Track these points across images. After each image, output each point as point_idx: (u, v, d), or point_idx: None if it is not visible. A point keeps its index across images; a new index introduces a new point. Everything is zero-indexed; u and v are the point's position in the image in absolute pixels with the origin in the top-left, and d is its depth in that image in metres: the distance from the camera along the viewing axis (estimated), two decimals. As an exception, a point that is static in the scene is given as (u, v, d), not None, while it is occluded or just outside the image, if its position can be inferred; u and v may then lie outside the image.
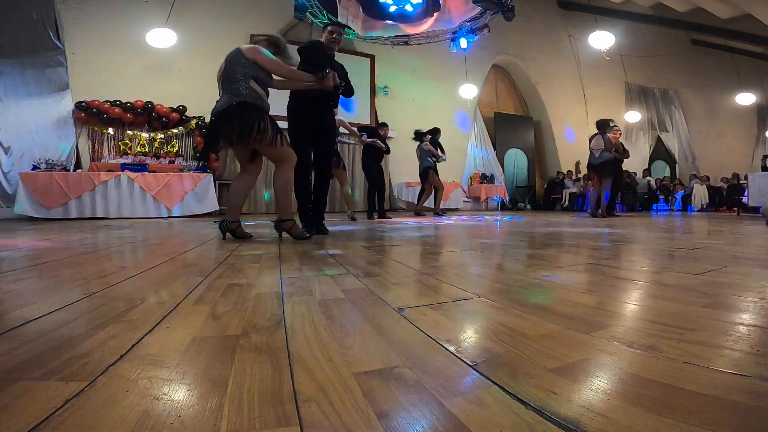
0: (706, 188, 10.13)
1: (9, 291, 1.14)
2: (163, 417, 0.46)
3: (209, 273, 1.39)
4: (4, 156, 6.07)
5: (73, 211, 5.42)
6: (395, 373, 0.58)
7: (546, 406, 0.48)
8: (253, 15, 8.06)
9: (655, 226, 4.13)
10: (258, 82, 2.42)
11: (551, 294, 1.09)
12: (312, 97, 2.87)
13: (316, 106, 2.92)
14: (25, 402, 0.49)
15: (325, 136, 3.03)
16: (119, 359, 0.63)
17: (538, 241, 2.61)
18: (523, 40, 11.04)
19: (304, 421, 0.45)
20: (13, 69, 6.24)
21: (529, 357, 0.63)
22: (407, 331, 0.77)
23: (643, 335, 0.73)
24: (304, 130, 2.92)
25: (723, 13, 9.31)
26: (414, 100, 9.68)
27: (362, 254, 1.91)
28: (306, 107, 2.90)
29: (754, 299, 0.98)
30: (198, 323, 0.82)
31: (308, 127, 2.92)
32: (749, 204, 6.65)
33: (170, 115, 7.08)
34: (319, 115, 2.95)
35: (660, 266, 1.56)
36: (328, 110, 3.04)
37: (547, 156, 11.92)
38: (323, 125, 2.99)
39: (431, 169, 6.14)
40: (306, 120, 2.91)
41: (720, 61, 12.63)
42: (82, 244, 2.41)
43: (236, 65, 2.39)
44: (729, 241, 2.49)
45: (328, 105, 3.00)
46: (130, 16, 7.10)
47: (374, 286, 1.17)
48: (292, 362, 0.62)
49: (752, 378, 0.54)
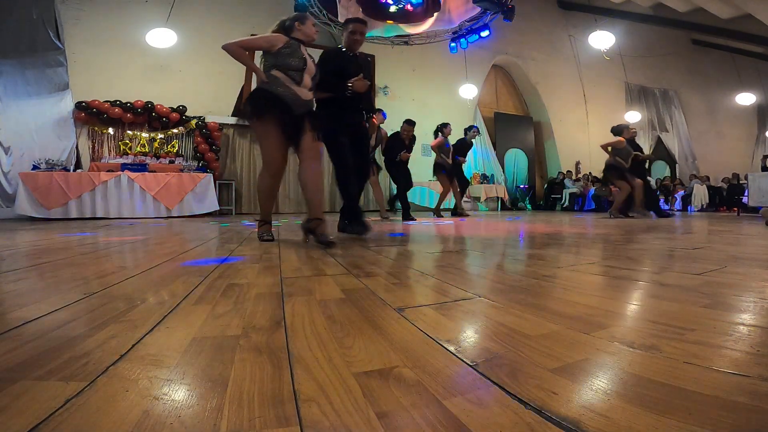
0: (706, 188, 10.13)
1: (9, 291, 1.14)
2: (163, 417, 0.46)
3: (209, 273, 1.39)
4: (4, 156, 6.07)
5: (73, 211, 5.42)
6: (395, 373, 0.58)
7: (546, 406, 0.48)
8: (253, 15, 8.07)
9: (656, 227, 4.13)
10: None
11: (551, 294, 1.09)
12: (341, 103, 2.82)
13: (345, 112, 2.87)
14: (25, 402, 0.49)
15: (358, 139, 2.99)
16: (119, 359, 0.63)
17: (538, 241, 2.61)
18: (523, 40, 11.04)
19: (304, 421, 0.45)
20: (13, 69, 6.24)
21: (529, 357, 0.63)
22: (407, 331, 0.77)
23: (643, 335, 0.73)
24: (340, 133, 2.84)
25: (723, 13, 9.31)
26: (414, 100, 9.69)
27: (362, 254, 1.91)
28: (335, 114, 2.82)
29: (754, 299, 0.98)
30: (198, 323, 0.82)
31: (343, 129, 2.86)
32: (749, 204, 6.65)
33: (170, 115, 7.09)
34: (350, 120, 2.90)
35: (660, 266, 1.56)
36: (358, 115, 2.99)
37: (547, 156, 11.92)
38: (356, 128, 2.96)
39: (439, 167, 5.85)
40: (342, 123, 2.85)
41: (720, 61, 12.63)
42: (81, 244, 2.41)
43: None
44: (729, 241, 2.49)
45: (358, 109, 2.96)
46: (130, 15, 7.11)
47: (374, 286, 1.17)
48: (292, 362, 0.62)
49: (752, 378, 0.54)
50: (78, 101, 6.56)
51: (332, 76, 2.73)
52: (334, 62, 2.83)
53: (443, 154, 5.81)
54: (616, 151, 5.80)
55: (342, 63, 2.84)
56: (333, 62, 2.82)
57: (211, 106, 7.56)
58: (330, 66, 2.77)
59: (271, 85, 2.30)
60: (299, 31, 2.42)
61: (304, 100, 2.38)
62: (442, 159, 5.82)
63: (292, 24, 2.43)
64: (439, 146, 5.77)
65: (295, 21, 2.44)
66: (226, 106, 7.82)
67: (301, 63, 2.33)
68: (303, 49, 2.42)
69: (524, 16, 10.02)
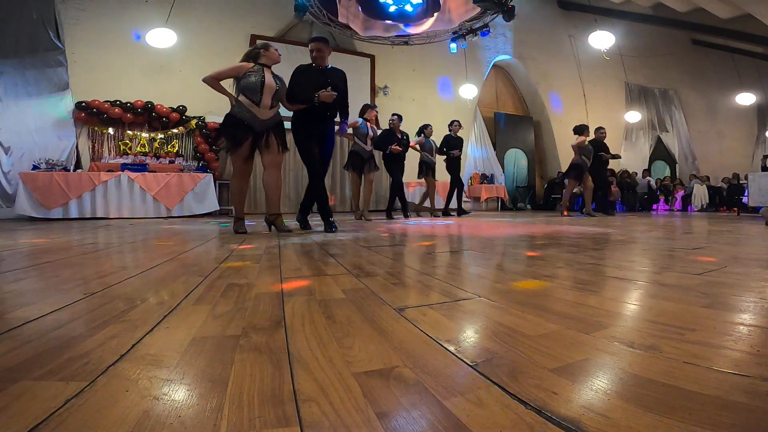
0: (706, 188, 10.13)
1: (9, 291, 1.14)
2: (163, 417, 0.46)
3: (209, 273, 1.39)
4: (4, 156, 6.07)
5: (73, 211, 5.42)
6: (395, 373, 0.58)
7: (546, 406, 0.48)
8: (253, 15, 8.06)
9: (654, 225, 4.13)
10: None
11: (551, 294, 1.09)
12: (310, 112, 3.19)
13: (314, 118, 3.24)
14: (25, 402, 0.49)
15: (325, 144, 3.40)
16: (119, 359, 0.63)
17: (538, 241, 2.61)
18: (523, 40, 11.04)
19: (304, 421, 0.45)
20: (13, 69, 6.24)
21: (529, 357, 0.63)
22: (407, 331, 0.77)
23: (643, 335, 0.73)
24: (310, 140, 3.26)
25: (723, 13, 9.31)
26: (414, 100, 9.69)
27: (362, 254, 1.91)
28: (304, 120, 3.24)
29: (754, 299, 0.98)
30: (198, 323, 0.82)
31: (310, 136, 3.27)
32: (749, 204, 6.64)
33: (170, 115, 7.08)
34: (318, 126, 3.29)
35: (660, 266, 1.56)
36: (325, 122, 3.34)
37: (547, 156, 11.92)
38: (323, 134, 3.36)
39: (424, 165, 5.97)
40: (307, 130, 3.26)
41: (720, 61, 12.62)
42: (82, 244, 2.41)
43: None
44: (729, 241, 2.49)
45: (324, 116, 3.30)
46: (130, 16, 7.11)
47: (374, 286, 1.17)
48: (292, 362, 0.62)
49: (752, 378, 0.54)
50: (78, 101, 6.56)
51: (301, 88, 3.12)
52: (304, 76, 3.20)
53: (425, 151, 5.97)
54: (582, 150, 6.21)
55: (310, 76, 3.19)
56: (302, 76, 3.20)
57: (211, 106, 7.52)
58: (300, 79, 3.18)
59: (234, 108, 2.92)
60: (264, 57, 2.98)
61: (261, 119, 2.94)
62: (426, 156, 5.97)
63: (258, 51, 2.99)
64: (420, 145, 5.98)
65: (261, 49, 3.01)
66: (226, 106, 7.73)
67: (259, 83, 2.86)
68: (266, 71, 2.95)
69: (524, 16, 10.02)
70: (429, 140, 6.00)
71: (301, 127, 3.24)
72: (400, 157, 5.37)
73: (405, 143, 5.46)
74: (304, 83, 3.14)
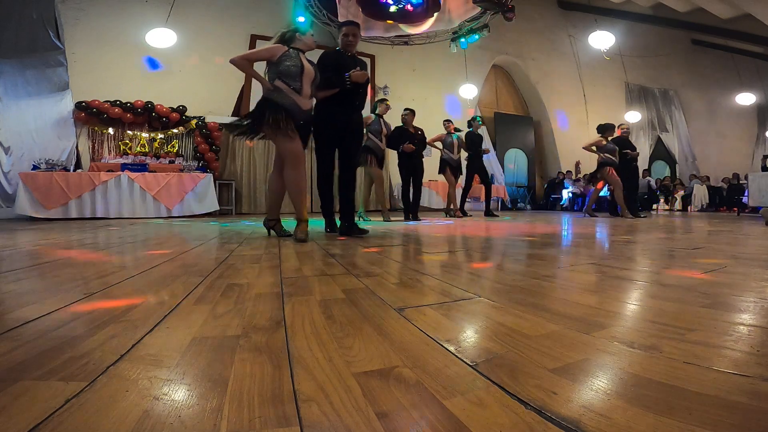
0: (706, 188, 10.13)
1: (9, 291, 1.14)
2: (163, 417, 0.46)
3: (209, 273, 1.39)
4: (4, 156, 6.07)
5: (73, 211, 5.42)
6: (395, 373, 0.58)
7: (546, 406, 0.48)
8: (253, 15, 8.07)
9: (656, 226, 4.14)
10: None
11: (551, 294, 1.09)
12: (338, 99, 2.90)
13: (342, 108, 2.94)
14: (25, 402, 0.49)
15: (354, 137, 3.06)
16: (119, 359, 0.63)
17: (538, 241, 2.61)
18: (523, 40, 11.04)
19: (304, 421, 0.45)
20: (13, 69, 6.24)
21: (529, 357, 0.63)
22: (407, 331, 0.77)
23: (644, 335, 0.73)
24: (329, 132, 2.95)
25: (723, 13, 9.31)
26: (414, 100, 9.68)
27: (362, 254, 1.91)
28: (331, 109, 2.93)
29: (754, 299, 0.98)
30: (198, 323, 0.82)
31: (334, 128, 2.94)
32: (749, 204, 6.65)
33: (170, 115, 7.09)
34: (345, 116, 2.97)
35: (660, 266, 1.56)
36: (354, 111, 3.04)
37: (547, 156, 11.92)
38: (349, 126, 2.99)
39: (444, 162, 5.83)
40: (332, 121, 2.93)
41: (720, 61, 12.63)
42: (82, 244, 2.41)
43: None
44: (729, 241, 2.49)
45: (353, 106, 3.01)
46: (130, 16, 7.11)
47: (374, 286, 1.17)
48: (292, 362, 0.62)
49: (752, 378, 0.54)
50: (78, 101, 6.56)
51: (332, 71, 2.84)
52: (333, 61, 2.95)
53: (446, 149, 5.83)
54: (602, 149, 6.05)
55: (340, 61, 2.95)
56: (331, 61, 2.95)
57: (211, 106, 7.56)
58: (329, 64, 2.90)
59: (273, 94, 2.51)
60: (299, 41, 2.65)
61: (303, 109, 2.60)
62: (447, 154, 5.83)
63: (293, 34, 2.65)
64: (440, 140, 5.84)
65: (295, 32, 2.68)
66: (226, 106, 7.82)
67: (299, 68, 2.54)
68: (302, 56, 2.63)
69: (524, 16, 10.02)
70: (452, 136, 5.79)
71: (328, 117, 2.90)
72: (416, 154, 5.08)
73: (421, 139, 5.15)
74: (338, 69, 2.85)
